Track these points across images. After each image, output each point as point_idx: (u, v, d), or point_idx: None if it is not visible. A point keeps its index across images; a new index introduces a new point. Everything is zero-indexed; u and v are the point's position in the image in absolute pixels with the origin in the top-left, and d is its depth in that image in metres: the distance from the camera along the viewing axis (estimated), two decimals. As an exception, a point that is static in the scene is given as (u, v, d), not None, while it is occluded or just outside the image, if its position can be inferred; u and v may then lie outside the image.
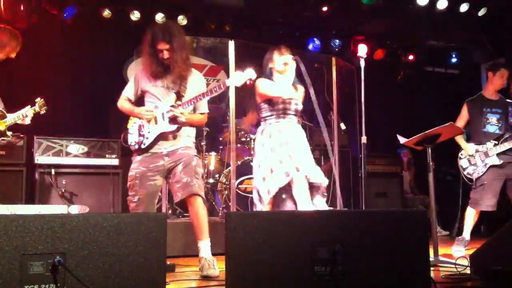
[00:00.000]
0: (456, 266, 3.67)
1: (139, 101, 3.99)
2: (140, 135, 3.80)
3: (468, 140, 5.42)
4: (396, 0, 7.02)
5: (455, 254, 4.86)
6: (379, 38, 8.30)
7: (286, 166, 4.09)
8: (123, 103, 3.96)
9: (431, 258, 3.92)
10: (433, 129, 4.47)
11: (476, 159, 5.25)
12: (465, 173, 5.30)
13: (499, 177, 5.18)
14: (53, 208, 4.49)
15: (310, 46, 8.03)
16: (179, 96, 3.78)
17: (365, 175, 4.97)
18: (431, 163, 4.45)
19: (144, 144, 3.78)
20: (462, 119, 5.44)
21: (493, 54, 7.93)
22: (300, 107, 4.44)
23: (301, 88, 4.50)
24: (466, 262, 3.68)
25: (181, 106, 3.75)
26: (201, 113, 4.00)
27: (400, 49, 8.70)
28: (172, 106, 3.76)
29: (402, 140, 4.71)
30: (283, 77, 4.34)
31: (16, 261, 2.24)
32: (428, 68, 9.07)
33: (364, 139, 4.74)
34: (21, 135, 5.68)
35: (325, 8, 7.11)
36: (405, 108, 8.66)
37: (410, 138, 4.60)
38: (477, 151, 5.26)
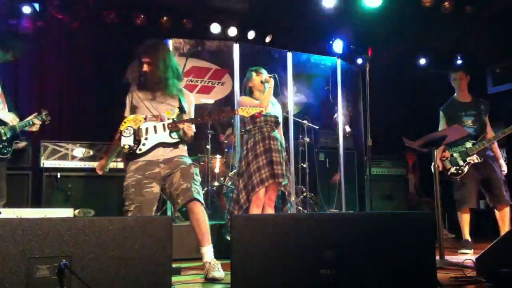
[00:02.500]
0: (463, 269, 3.66)
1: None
2: (136, 140, 3.76)
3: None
4: (401, 1, 7.01)
5: (462, 257, 4.85)
6: (384, 40, 8.29)
7: (264, 174, 4.58)
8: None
9: (437, 260, 3.91)
10: (438, 131, 4.46)
11: (458, 160, 5.43)
12: (448, 173, 5.47)
13: (477, 176, 5.38)
14: (59, 212, 4.50)
15: (315, 49, 8.02)
16: (181, 112, 3.82)
17: (370, 178, 4.97)
18: (436, 166, 4.44)
19: (140, 150, 3.74)
20: (442, 126, 5.58)
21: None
22: (280, 120, 4.90)
23: (278, 105, 5.00)
24: (472, 265, 3.66)
25: (188, 123, 3.76)
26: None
27: (405, 51, 8.69)
28: (178, 120, 3.77)
29: (407, 142, 4.71)
30: (262, 93, 4.79)
31: (22, 264, 2.25)
32: (434, 70, 9.04)
33: (369, 141, 4.74)
34: (27, 139, 5.71)
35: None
36: (410, 110, 8.64)
37: (416, 140, 4.59)
38: (452, 154, 5.46)
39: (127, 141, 3.74)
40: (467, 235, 5.42)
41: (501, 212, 5.33)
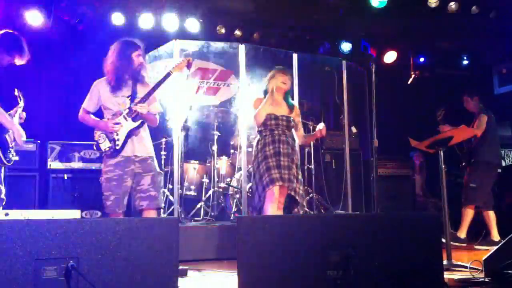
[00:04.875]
0: (470, 270, 3.65)
1: (97, 112, 4.32)
2: (110, 140, 4.14)
3: None
4: (406, 1, 6.99)
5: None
6: (389, 40, 8.27)
7: (274, 175, 4.54)
8: (84, 116, 4.29)
9: (444, 262, 3.89)
10: (445, 131, 4.45)
11: None
12: None
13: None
14: (66, 213, 4.53)
15: (321, 50, 8.02)
16: (132, 99, 4.17)
17: (376, 178, 4.96)
18: (443, 166, 4.43)
19: (117, 146, 4.12)
20: None
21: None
22: (292, 123, 4.85)
23: (297, 110, 5.01)
24: (479, 266, 3.65)
25: (138, 103, 4.13)
26: (155, 114, 4.39)
27: (411, 51, 8.67)
28: (130, 107, 4.13)
29: (414, 143, 4.70)
30: (279, 95, 4.84)
31: (29, 266, 2.26)
32: (440, 70, 9.01)
33: (375, 142, 4.73)
34: (35, 141, 5.75)
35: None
36: (416, 110, 8.61)
37: (422, 141, 4.58)
38: None
39: (105, 144, 4.15)
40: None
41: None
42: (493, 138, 5.99)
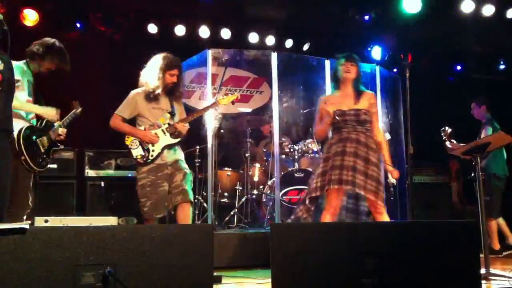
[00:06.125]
0: (509, 279, 3.56)
1: (130, 120, 4.45)
2: (144, 149, 4.29)
3: None
4: (440, 6, 6.90)
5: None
6: (424, 46, 8.17)
7: (328, 177, 4.03)
8: (119, 123, 4.39)
9: (482, 270, 3.81)
10: (482, 138, 4.37)
11: None
12: None
13: None
14: (104, 220, 4.63)
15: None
16: (172, 115, 4.40)
17: (411, 186, 4.88)
18: (480, 173, 4.34)
19: (152, 156, 4.28)
20: None
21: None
22: (364, 117, 4.16)
23: (367, 97, 4.29)
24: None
25: (181, 122, 4.37)
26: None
27: (445, 57, 8.54)
28: (173, 123, 4.35)
29: (449, 149, 4.62)
30: (347, 86, 4.31)
31: (68, 271, 2.31)
32: (475, 75, 8.85)
33: (410, 149, 4.66)
34: (72, 149, 5.89)
35: (367, 17, 7.09)
36: (452, 116, 8.45)
37: (459, 148, 4.50)
38: None
39: (137, 151, 4.28)
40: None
41: None
42: (498, 151, 5.73)
